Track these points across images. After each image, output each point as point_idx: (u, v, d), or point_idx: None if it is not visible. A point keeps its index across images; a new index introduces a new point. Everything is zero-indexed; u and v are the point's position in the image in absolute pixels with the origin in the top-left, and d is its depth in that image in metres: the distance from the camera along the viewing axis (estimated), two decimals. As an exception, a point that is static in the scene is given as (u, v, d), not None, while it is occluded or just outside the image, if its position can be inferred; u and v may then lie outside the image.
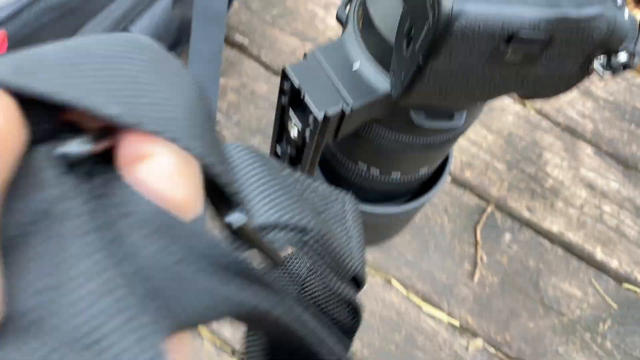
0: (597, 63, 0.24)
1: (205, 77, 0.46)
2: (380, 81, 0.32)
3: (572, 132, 0.62)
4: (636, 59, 0.24)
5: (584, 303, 0.55)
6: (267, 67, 0.61)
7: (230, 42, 0.62)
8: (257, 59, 0.61)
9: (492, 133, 0.61)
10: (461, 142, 0.60)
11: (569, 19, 0.22)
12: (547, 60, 0.24)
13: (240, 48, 0.61)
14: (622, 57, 0.23)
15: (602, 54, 0.24)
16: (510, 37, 0.22)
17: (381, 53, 0.31)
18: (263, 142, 0.57)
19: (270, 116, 0.58)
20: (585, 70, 0.24)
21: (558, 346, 0.53)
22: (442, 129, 0.34)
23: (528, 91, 0.26)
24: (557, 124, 0.62)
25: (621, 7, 0.22)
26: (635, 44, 0.23)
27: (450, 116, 0.34)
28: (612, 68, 0.24)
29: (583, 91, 0.64)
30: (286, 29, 0.63)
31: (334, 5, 0.65)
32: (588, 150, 0.62)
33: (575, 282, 0.55)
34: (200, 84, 0.14)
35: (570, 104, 0.64)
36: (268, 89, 0.60)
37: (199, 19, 0.45)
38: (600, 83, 0.65)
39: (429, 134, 0.35)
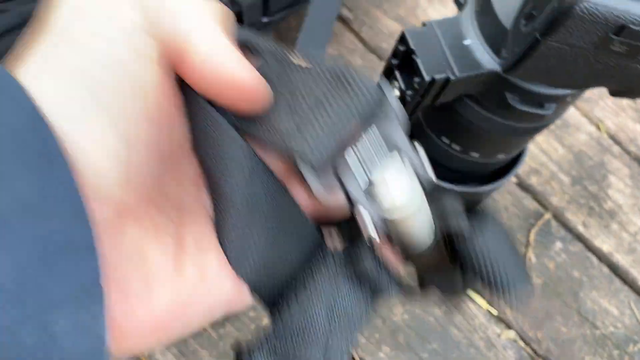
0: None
1: (317, 36, 0.50)
2: (486, 59, 0.36)
3: (641, 162, 0.64)
4: None
5: (618, 322, 0.57)
6: (364, 43, 0.65)
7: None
8: (357, 35, 0.66)
9: (563, 147, 0.64)
10: (532, 149, 0.63)
11: (677, 22, 0.25)
12: (648, 58, 0.27)
13: (344, 22, 0.66)
14: None
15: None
16: (621, 28, 0.25)
17: (492, 34, 0.35)
18: (348, 110, 0.62)
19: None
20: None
21: (586, 355, 0.55)
22: (530, 114, 0.37)
23: (622, 86, 0.30)
24: (628, 152, 0.65)
25: None
26: None
27: (541, 105, 0.37)
28: None
29: (660, 127, 0.66)
30: (389, 12, 0.67)
31: (436, 1, 0.69)
32: (653, 183, 0.64)
33: (615, 301, 0.58)
34: None
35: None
36: (362, 63, 0.64)
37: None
38: (678, 123, 0.67)
39: (518, 118, 0.38)
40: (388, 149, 0.18)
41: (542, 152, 0.63)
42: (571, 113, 0.66)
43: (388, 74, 0.41)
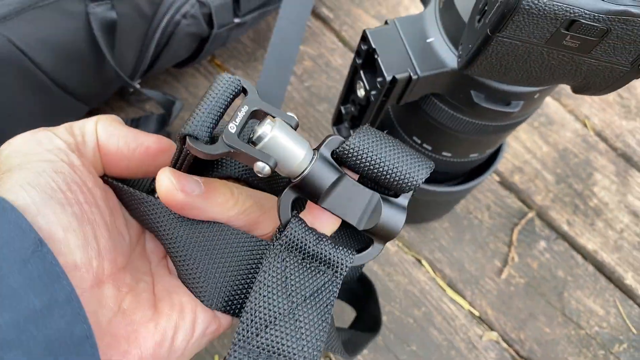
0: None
1: (289, 34, 0.50)
2: (449, 57, 0.35)
3: (627, 159, 0.63)
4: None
5: (604, 322, 0.56)
6: (345, 42, 0.65)
7: (316, 14, 0.66)
8: (338, 34, 0.65)
9: (547, 145, 0.63)
10: (515, 147, 0.62)
11: (628, 16, 0.24)
12: (601, 52, 0.26)
13: (324, 21, 0.65)
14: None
15: (655, 56, 0.26)
16: (571, 22, 0.25)
17: (455, 31, 0.34)
18: (328, 110, 0.61)
19: (339, 87, 0.62)
20: (636, 69, 0.27)
21: (569, 356, 0.54)
22: (497, 112, 0.36)
23: (580, 82, 0.29)
24: (614, 149, 0.64)
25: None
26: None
27: (507, 103, 0.36)
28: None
29: (647, 123, 0.65)
30: (370, 11, 0.66)
31: (420, -2, 0.68)
32: (640, 180, 0.63)
33: (600, 300, 0.57)
34: None
35: (632, 132, 0.65)
36: (342, 63, 0.63)
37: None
38: (665, 118, 0.66)
39: (485, 116, 0.37)
40: (258, 115, 0.24)
41: (526, 149, 0.62)
42: (556, 110, 0.65)
43: (352, 75, 0.40)
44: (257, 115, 0.24)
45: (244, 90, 0.24)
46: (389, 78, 0.35)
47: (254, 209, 0.27)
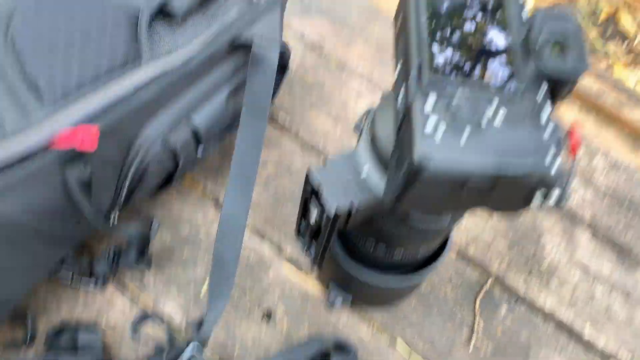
0: (536, 199, 0.32)
1: (248, 156, 0.55)
2: (382, 187, 0.40)
3: (571, 217, 0.69)
4: (563, 202, 0.32)
5: (570, 375, 0.61)
6: (303, 144, 0.71)
7: (274, 120, 0.72)
8: (295, 137, 0.71)
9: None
10: (468, 220, 0.68)
11: (506, 176, 0.30)
12: (496, 196, 0.32)
13: (282, 126, 0.71)
14: (553, 197, 0.32)
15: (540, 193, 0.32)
16: (463, 184, 0.30)
17: (385, 163, 0.40)
18: (292, 210, 0.67)
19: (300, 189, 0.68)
20: (529, 201, 0.33)
21: (542, 413, 0.59)
22: (429, 229, 0.42)
23: (490, 208, 0.35)
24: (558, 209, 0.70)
25: (551, 164, 0.30)
26: (564, 189, 0.32)
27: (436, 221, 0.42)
28: (547, 203, 0.32)
29: (585, 180, 0.72)
30: (322, 111, 0.73)
31: (363, 95, 0.75)
32: (585, 235, 0.68)
33: (564, 356, 0.62)
34: None
35: (572, 191, 0.71)
36: (302, 164, 0.69)
37: (246, 111, 0.55)
38: (601, 175, 0.72)
39: (419, 232, 0.43)
40: None
41: (477, 222, 0.68)
42: (501, 180, 0.71)
43: (305, 201, 0.46)
44: None
45: None
46: (332, 213, 0.40)
47: None
